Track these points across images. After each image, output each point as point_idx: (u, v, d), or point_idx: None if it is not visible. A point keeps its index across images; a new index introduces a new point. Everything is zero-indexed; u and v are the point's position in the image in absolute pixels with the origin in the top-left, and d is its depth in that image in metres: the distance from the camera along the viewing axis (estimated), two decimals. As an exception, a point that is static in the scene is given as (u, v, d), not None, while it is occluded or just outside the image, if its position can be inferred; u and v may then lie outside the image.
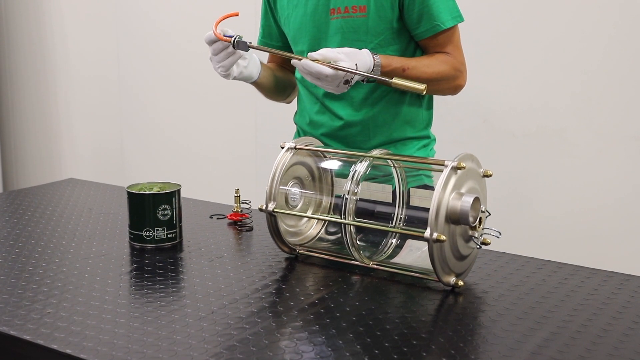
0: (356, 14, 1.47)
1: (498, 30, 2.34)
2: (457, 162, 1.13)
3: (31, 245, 1.41)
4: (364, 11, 1.46)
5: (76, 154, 3.74)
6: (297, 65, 1.35)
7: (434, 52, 1.51)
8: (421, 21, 1.46)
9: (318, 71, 1.31)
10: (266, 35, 1.69)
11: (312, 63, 1.31)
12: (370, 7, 1.46)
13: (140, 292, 1.18)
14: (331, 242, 1.37)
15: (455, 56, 1.50)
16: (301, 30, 1.54)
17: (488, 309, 1.09)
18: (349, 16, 1.47)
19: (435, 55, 1.50)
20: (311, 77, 1.34)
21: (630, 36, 2.14)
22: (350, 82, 1.35)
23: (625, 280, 1.20)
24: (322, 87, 1.36)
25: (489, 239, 1.20)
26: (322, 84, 1.35)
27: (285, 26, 1.60)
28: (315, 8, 1.51)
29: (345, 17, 1.48)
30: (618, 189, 2.22)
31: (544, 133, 2.32)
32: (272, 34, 1.68)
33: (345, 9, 1.47)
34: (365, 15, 1.46)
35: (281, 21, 1.61)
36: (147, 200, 1.39)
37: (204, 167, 3.20)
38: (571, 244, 2.27)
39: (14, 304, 1.10)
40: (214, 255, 1.35)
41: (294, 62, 1.36)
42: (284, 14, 1.59)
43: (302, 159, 1.35)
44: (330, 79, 1.32)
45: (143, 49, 3.33)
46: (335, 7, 1.48)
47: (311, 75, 1.33)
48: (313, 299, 1.13)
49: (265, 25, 1.69)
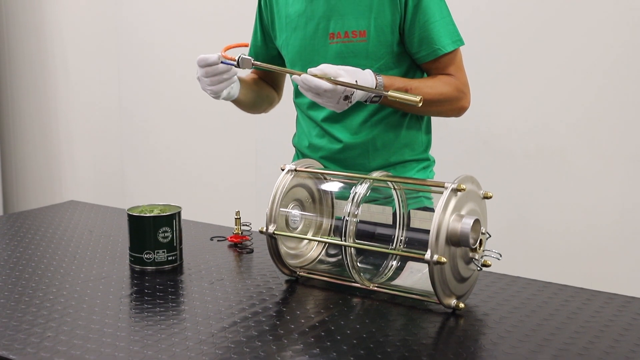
0: (356, 38, 1.47)
1: (497, 52, 2.36)
2: (457, 184, 1.13)
3: (31, 268, 1.41)
4: (364, 36, 1.47)
5: (77, 176, 3.74)
6: (296, 80, 1.34)
7: (437, 74, 1.50)
8: (422, 45, 1.47)
9: (317, 85, 1.30)
10: (251, 54, 1.69)
11: (312, 77, 1.30)
12: (370, 31, 1.46)
13: (140, 315, 1.18)
14: (332, 264, 1.37)
15: (458, 77, 1.50)
16: (300, 53, 1.55)
17: (489, 332, 1.09)
18: (349, 41, 1.48)
19: (439, 76, 1.49)
20: (311, 94, 1.33)
21: (629, 57, 2.15)
22: (350, 98, 1.33)
23: (627, 302, 1.20)
24: (322, 104, 1.35)
25: (489, 261, 1.20)
26: (321, 101, 1.34)
27: (283, 48, 1.60)
28: (314, 32, 1.51)
29: (345, 42, 1.48)
30: (618, 209, 2.22)
31: (544, 154, 2.32)
32: (257, 54, 1.67)
33: (345, 33, 1.48)
34: (365, 40, 1.47)
35: (278, 43, 1.61)
36: (147, 222, 1.39)
37: (204, 189, 3.20)
38: (572, 264, 2.27)
39: (13, 327, 1.10)
40: (215, 277, 1.35)
41: (293, 78, 1.35)
42: (282, 36, 1.59)
43: (303, 181, 1.35)
44: (330, 94, 1.31)
45: (144, 73, 3.35)
46: (335, 32, 1.49)
47: (310, 91, 1.32)
48: (314, 322, 1.12)
49: (253, 45, 1.69)
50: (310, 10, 1.51)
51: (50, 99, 3.77)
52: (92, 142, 3.64)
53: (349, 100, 1.34)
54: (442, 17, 1.46)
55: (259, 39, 1.67)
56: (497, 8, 2.35)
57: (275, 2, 1.59)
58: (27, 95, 3.86)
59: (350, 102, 1.34)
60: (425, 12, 1.44)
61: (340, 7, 1.48)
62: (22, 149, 3.95)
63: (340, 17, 1.48)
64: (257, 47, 1.68)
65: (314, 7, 1.51)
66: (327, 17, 1.49)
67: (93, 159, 3.66)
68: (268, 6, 1.61)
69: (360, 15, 1.46)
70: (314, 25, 1.51)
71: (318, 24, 1.51)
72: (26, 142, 3.93)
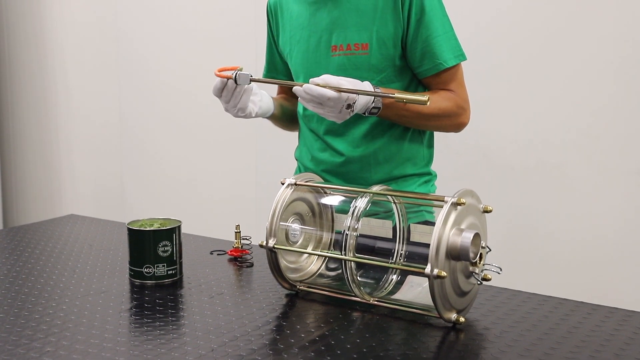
0: (358, 51, 1.48)
1: (497, 66, 2.36)
2: (457, 198, 1.13)
3: (31, 283, 1.41)
4: (366, 49, 1.47)
5: (77, 190, 3.74)
6: (298, 92, 1.33)
7: (438, 89, 1.51)
8: (424, 59, 1.47)
9: (320, 94, 1.29)
10: (272, 69, 1.71)
11: (314, 86, 1.30)
12: (372, 44, 1.47)
13: (140, 330, 1.17)
14: (332, 278, 1.37)
15: (459, 93, 1.50)
16: (303, 65, 1.56)
17: (490, 346, 1.09)
18: (351, 53, 1.49)
19: (439, 92, 1.49)
20: (313, 104, 1.33)
21: (629, 72, 2.16)
22: (352, 107, 1.33)
23: (627, 317, 1.20)
24: (325, 115, 1.34)
25: (489, 275, 1.20)
26: (324, 111, 1.33)
27: (289, 60, 1.62)
28: (317, 45, 1.52)
29: (347, 55, 1.49)
30: (618, 223, 2.22)
31: (544, 168, 2.32)
32: (277, 68, 1.70)
33: (347, 46, 1.49)
34: (367, 52, 1.47)
35: (284, 55, 1.63)
36: (147, 236, 1.39)
37: (204, 202, 3.20)
38: (572, 278, 2.26)
39: (13, 342, 1.10)
40: (215, 291, 1.35)
41: (295, 89, 1.34)
42: (286, 48, 1.61)
43: (303, 195, 1.36)
44: (333, 103, 1.30)
45: (144, 87, 3.36)
46: (337, 44, 1.50)
47: (313, 101, 1.31)
48: (314, 336, 1.12)
49: (269, 60, 1.71)
50: (313, 23, 1.52)
51: (50, 113, 3.78)
52: (92, 156, 3.65)
53: (351, 109, 1.33)
54: (445, 32, 1.47)
55: (276, 54, 1.68)
56: (498, 23, 2.36)
57: (280, 15, 1.61)
58: (27, 108, 3.87)
59: (352, 110, 1.34)
60: (428, 26, 1.45)
61: (342, 20, 1.49)
62: (22, 162, 3.96)
63: (343, 30, 1.49)
64: (275, 61, 1.69)
65: (317, 20, 1.52)
66: (330, 29, 1.50)
67: (93, 173, 3.66)
68: (274, 20, 1.63)
69: (363, 28, 1.47)
70: (317, 38, 1.52)
71: (320, 37, 1.52)
72: (26, 155, 3.93)
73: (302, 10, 1.55)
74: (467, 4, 2.37)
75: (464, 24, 1.79)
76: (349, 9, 1.48)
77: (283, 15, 1.60)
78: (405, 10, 1.44)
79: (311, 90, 1.30)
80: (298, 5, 1.56)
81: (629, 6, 2.13)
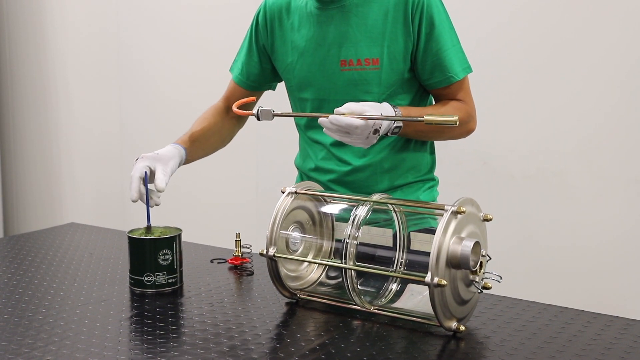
0: (369, 66, 1.47)
1: (498, 76, 2.37)
2: (457, 206, 1.13)
3: (31, 291, 1.41)
4: (377, 64, 1.47)
5: (77, 198, 3.74)
6: (324, 123, 1.30)
7: (447, 100, 1.52)
8: (434, 72, 1.48)
9: (348, 124, 1.27)
10: (244, 73, 1.67)
11: (341, 117, 1.27)
12: (383, 59, 1.46)
13: (140, 338, 1.17)
14: (332, 287, 1.37)
15: (467, 102, 1.52)
16: (308, 78, 1.54)
17: (490, 354, 1.09)
18: (362, 69, 1.48)
19: (450, 102, 1.51)
20: (340, 133, 1.30)
21: (628, 80, 2.16)
22: (378, 131, 1.31)
23: (627, 325, 1.20)
24: (352, 142, 1.32)
25: (490, 283, 1.20)
26: (350, 139, 1.31)
27: (287, 72, 1.59)
28: (324, 58, 1.51)
29: (357, 70, 1.48)
30: (618, 231, 2.22)
31: (544, 175, 2.33)
32: (250, 74, 1.66)
33: (357, 61, 1.48)
34: (378, 67, 1.47)
35: (280, 66, 1.61)
36: (147, 245, 1.39)
37: (204, 211, 3.20)
38: (572, 286, 2.26)
39: (13, 350, 1.10)
40: (215, 300, 1.35)
41: (320, 121, 1.31)
42: (286, 59, 1.58)
43: (303, 204, 1.36)
44: (360, 130, 1.28)
45: (144, 96, 3.37)
46: (347, 59, 1.49)
47: (340, 130, 1.29)
48: (314, 345, 1.12)
49: (246, 63, 1.66)
50: (321, 36, 1.51)
51: (51, 122, 3.78)
52: (92, 165, 3.65)
53: (378, 134, 1.32)
54: (453, 45, 1.48)
55: (255, 58, 1.64)
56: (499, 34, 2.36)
57: (279, 25, 1.58)
58: (28, 116, 3.88)
59: (378, 135, 1.32)
60: (437, 40, 1.46)
61: (352, 34, 1.48)
62: (23, 170, 3.96)
63: (353, 45, 1.48)
64: (251, 66, 1.65)
65: (324, 32, 1.50)
66: (339, 43, 1.49)
67: (94, 182, 3.66)
68: (268, 28, 1.60)
69: (373, 43, 1.47)
70: (324, 52, 1.51)
71: (328, 50, 1.50)
72: (27, 164, 3.94)
73: (306, 21, 1.53)
74: (469, 16, 2.37)
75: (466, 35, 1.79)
76: (358, 23, 1.48)
77: (282, 24, 1.58)
78: (416, 24, 1.45)
79: (338, 120, 1.28)
80: (300, 15, 1.54)
81: (630, 20, 2.14)
